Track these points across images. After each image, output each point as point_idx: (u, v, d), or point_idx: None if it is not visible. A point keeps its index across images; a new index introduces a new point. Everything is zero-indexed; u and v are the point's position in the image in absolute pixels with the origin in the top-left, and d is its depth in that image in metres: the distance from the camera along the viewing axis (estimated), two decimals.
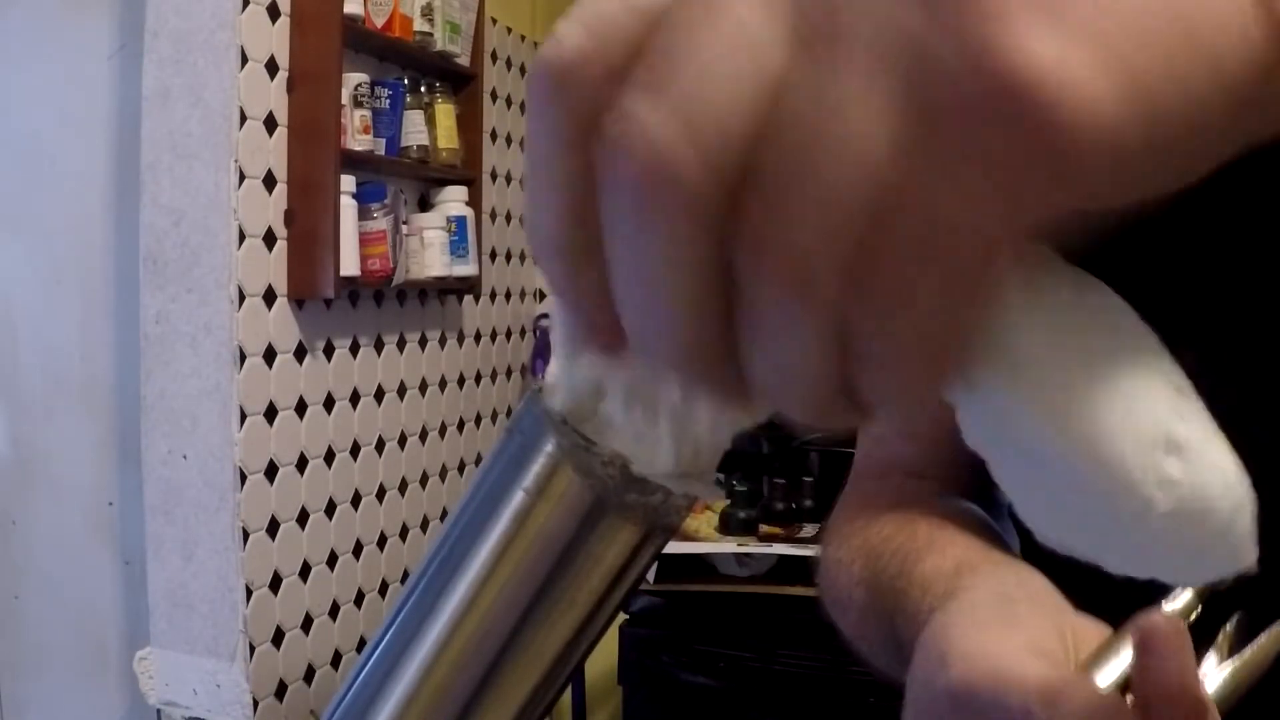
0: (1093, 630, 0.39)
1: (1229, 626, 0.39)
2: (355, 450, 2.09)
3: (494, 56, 2.57)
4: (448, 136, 2.21)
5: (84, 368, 1.96)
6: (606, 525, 0.26)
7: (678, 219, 0.20)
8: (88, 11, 1.91)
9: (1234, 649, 0.38)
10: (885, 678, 0.56)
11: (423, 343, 2.32)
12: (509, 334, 2.70)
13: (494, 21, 2.53)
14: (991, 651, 0.36)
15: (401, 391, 2.24)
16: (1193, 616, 0.38)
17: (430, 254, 2.15)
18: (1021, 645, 0.36)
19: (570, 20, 0.21)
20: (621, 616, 1.90)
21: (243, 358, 1.76)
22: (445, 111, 2.20)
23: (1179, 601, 0.38)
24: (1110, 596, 0.45)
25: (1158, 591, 0.43)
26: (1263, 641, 0.38)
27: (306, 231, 1.85)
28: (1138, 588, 0.52)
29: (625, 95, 0.20)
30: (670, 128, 0.19)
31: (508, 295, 2.68)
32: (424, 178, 2.24)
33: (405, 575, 2.25)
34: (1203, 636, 0.37)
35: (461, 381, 2.48)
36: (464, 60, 2.25)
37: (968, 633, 0.37)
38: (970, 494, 0.65)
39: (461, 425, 2.49)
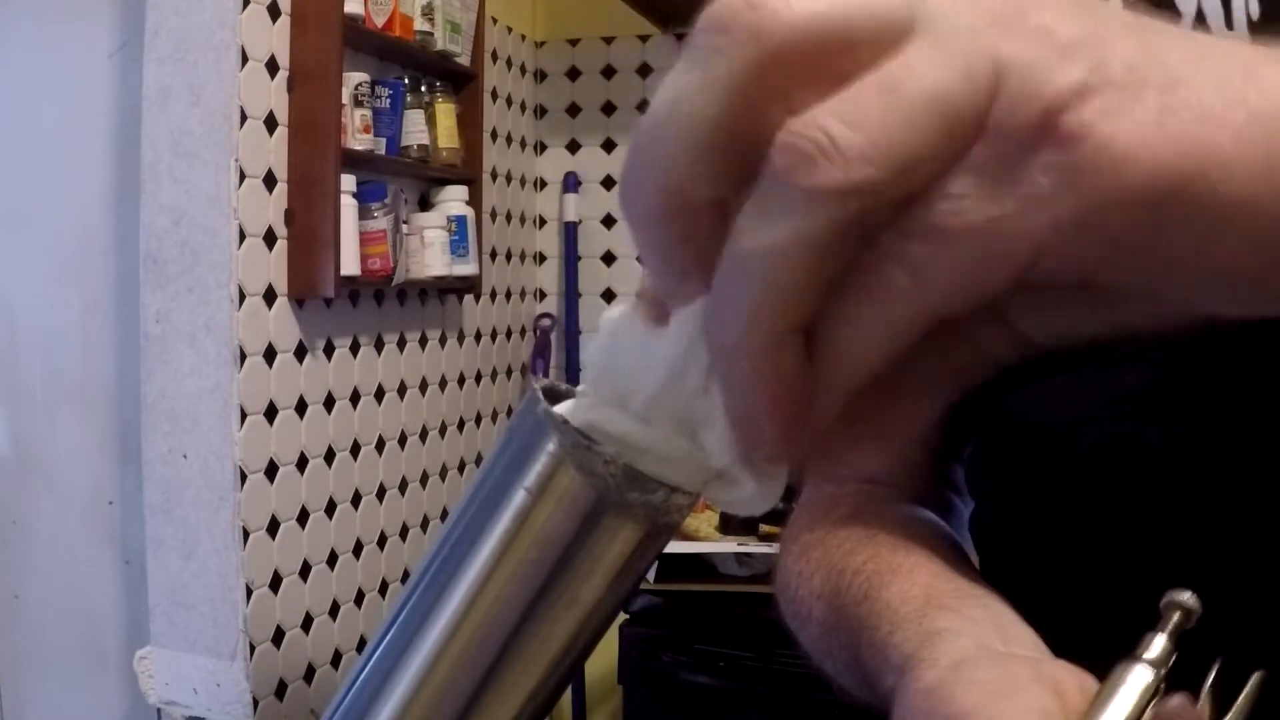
0: (1065, 675, 0.40)
1: (1210, 678, 0.39)
2: (355, 450, 2.09)
3: (494, 56, 2.57)
4: (448, 136, 2.21)
5: (84, 367, 1.96)
6: (607, 524, 0.26)
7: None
8: (88, 11, 1.91)
9: (1217, 702, 0.39)
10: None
11: (423, 342, 2.32)
12: (509, 333, 2.70)
13: (494, 21, 2.53)
14: None
15: (402, 391, 2.24)
16: (1171, 662, 0.38)
17: (430, 253, 2.15)
18: (1036, 713, 0.38)
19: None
20: (621, 616, 1.90)
21: (243, 357, 1.76)
22: (445, 111, 2.20)
23: (1155, 650, 0.39)
24: (1062, 618, 0.46)
25: (1106, 617, 0.44)
26: (1244, 698, 0.39)
27: (307, 231, 1.85)
28: (1085, 612, 0.53)
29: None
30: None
31: (508, 295, 2.68)
32: (424, 177, 2.24)
33: (405, 575, 2.25)
34: (1178, 680, 0.38)
35: (461, 381, 2.48)
36: (464, 60, 2.25)
37: (982, 704, 0.39)
38: (928, 504, 0.64)
39: (461, 425, 2.49)
